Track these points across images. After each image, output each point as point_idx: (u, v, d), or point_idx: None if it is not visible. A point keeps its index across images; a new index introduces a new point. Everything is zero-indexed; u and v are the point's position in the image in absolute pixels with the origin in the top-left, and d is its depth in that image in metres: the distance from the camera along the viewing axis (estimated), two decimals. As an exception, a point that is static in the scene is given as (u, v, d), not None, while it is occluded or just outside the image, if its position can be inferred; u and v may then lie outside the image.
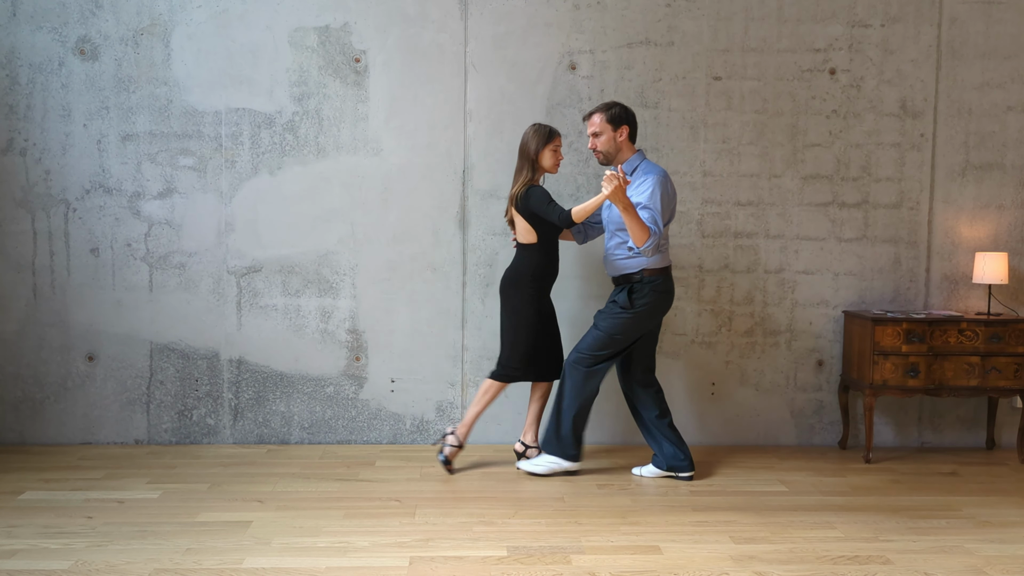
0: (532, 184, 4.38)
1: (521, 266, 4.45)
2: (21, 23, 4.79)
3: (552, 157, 4.41)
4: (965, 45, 5.04)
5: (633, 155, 4.37)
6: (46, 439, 4.92)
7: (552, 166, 4.42)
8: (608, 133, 4.33)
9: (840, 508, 4.05)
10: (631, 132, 4.36)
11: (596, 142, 4.36)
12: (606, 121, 4.31)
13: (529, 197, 4.34)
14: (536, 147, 4.38)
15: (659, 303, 4.35)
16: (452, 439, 4.52)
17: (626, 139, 4.35)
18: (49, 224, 4.85)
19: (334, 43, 4.89)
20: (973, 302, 5.14)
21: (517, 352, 4.45)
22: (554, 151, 4.41)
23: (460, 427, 4.53)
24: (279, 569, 3.26)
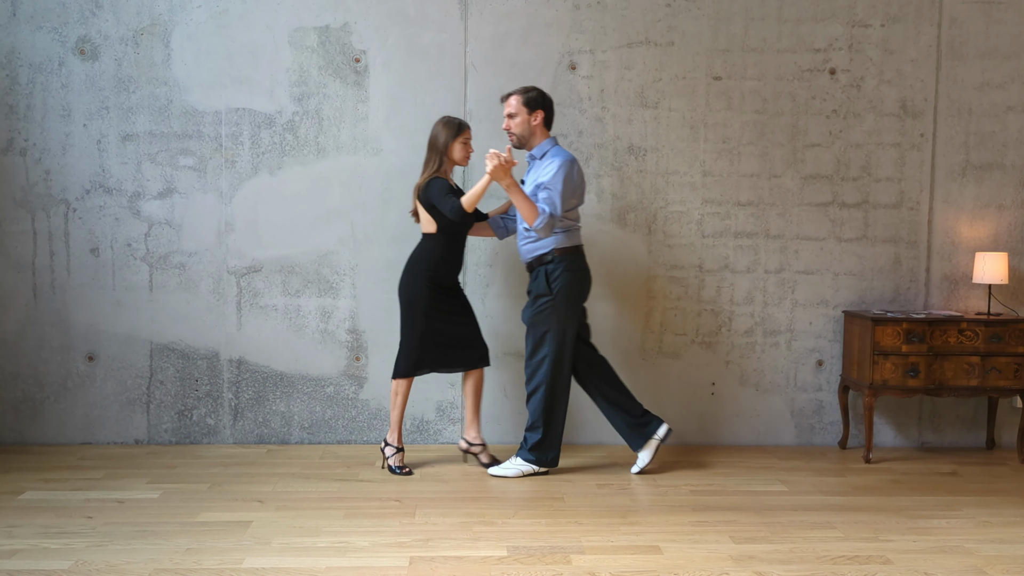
0: (436, 176, 4.38)
1: (420, 256, 4.45)
2: (21, 23, 4.79)
3: (462, 150, 4.41)
4: (965, 45, 5.04)
5: (545, 140, 4.41)
6: (46, 439, 4.92)
7: (462, 158, 4.42)
8: (523, 116, 4.36)
9: (840, 508, 4.05)
10: (546, 117, 4.39)
11: (511, 123, 4.39)
12: (522, 103, 4.35)
13: (430, 188, 4.34)
14: (446, 140, 4.38)
15: (576, 281, 4.39)
16: (389, 450, 4.50)
17: (540, 124, 4.39)
18: (49, 224, 4.85)
19: (334, 43, 4.89)
20: (973, 302, 5.14)
21: (408, 344, 4.43)
22: (464, 144, 4.41)
23: (389, 435, 4.52)
24: (279, 569, 3.26)
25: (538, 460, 4.46)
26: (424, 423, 5.04)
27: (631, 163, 5.00)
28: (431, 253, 4.42)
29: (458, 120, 4.44)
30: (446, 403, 5.04)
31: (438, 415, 5.04)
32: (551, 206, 4.23)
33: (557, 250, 4.36)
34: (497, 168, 4.13)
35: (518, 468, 4.46)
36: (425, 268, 4.41)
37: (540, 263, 4.38)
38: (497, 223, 4.66)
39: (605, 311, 5.04)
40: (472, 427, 4.60)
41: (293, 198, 4.91)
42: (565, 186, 4.26)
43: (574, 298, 4.41)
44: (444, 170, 4.41)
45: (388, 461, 4.49)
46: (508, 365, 5.01)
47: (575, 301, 4.42)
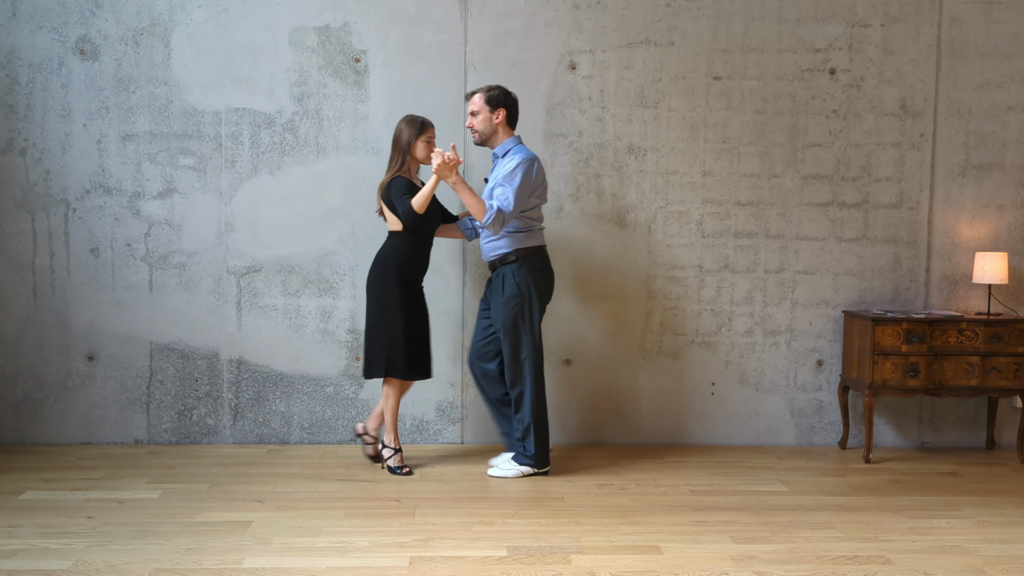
0: (398, 175, 4.38)
1: (387, 255, 4.43)
2: (21, 23, 4.79)
3: (425, 148, 4.40)
4: (965, 45, 5.04)
5: (509, 139, 4.41)
6: (46, 439, 4.92)
7: (425, 157, 4.41)
8: (485, 114, 4.36)
9: (840, 508, 4.05)
10: (508, 116, 4.39)
11: (473, 121, 4.39)
12: (484, 102, 4.36)
13: (391, 187, 4.34)
14: (408, 138, 4.38)
15: (540, 280, 4.41)
16: (388, 452, 4.48)
17: (503, 122, 4.38)
18: (49, 224, 4.85)
19: (334, 43, 4.89)
20: (973, 302, 5.14)
21: (389, 343, 4.39)
22: (427, 142, 4.41)
23: (386, 438, 4.49)
24: (279, 569, 3.26)
25: (537, 463, 4.46)
26: (424, 423, 5.04)
27: (631, 163, 5.00)
28: (398, 252, 4.40)
29: (421, 119, 4.43)
30: (446, 403, 5.04)
31: (438, 415, 5.04)
32: (504, 203, 4.22)
33: (520, 250, 4.36)
34: (442, 166, 4.14)
35: (518, 470, 4.46)
36: (393, 267, 4.39)
37: (503, 263, 4.39)
38: (465, 225, 4.65)
39: (605, 311, 5.04)
40: (375, 420, 4.58)
41: (293, 198, 4.91)
42: (522, 184, 4.25)
43: (542, 297, 4.42)
44: (407, 169, 4.40)
45: (388, 462, 4.49)
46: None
47: (543, 300, 4.44)
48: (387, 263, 4.40)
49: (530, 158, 4.31)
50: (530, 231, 4.39)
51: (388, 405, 4.46)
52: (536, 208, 4.41)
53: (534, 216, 4.40)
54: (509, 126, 4.42)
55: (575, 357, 5.05)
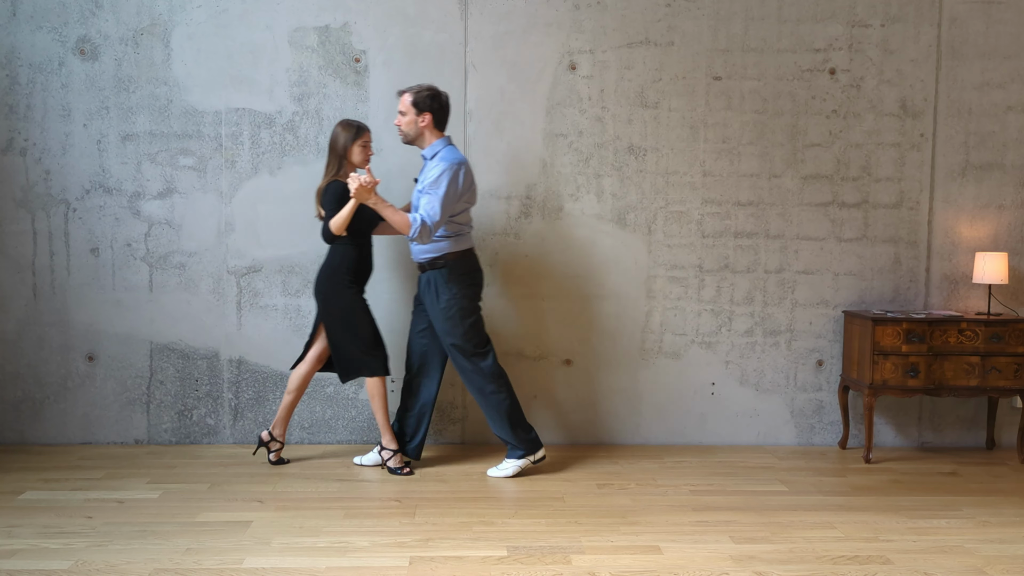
0: (335, 179, 4.37)
1: (335, 260, 4.42)
2: (21, 23, 4.79)
3: (361, 152, 4.40)
4: (965, 45, 5.04)
5: (437, 141, 4.38)
6: (46, 439, 4.92)
7: (361, 161, 4.41)
8: (411, 116, 4.34)
9: (840, 508, 4.05)
10: (435, 119, 4.35)
11: (401, 120, 4.37)
12: (411, 103, 4.33)
13: (327, 192, 4.34)
14: (345, 142, 4.37)
15: (470, 281, 4.41)
16: (386, 454, 4.49)
17: (429, 125, 4.35)
18: (49, 224, 4.85)
19: (334, 43, 4.89)
20: (973, 302, 5.14)
21: (365, 343, 4.40)
22: (363, 146, 4.40)
23: (384, 438, 4.49)
24: (279, 569, 3.27)
25: (528, 452, 4.46)
26: (424, 423, 5.04)
27: (631, 163, 5.00)
28: (347, 257, 4.40)
29: (357, 123, 4.43)
30: (446, 403, 5.04)
31: (438, 415, 5.04)
32: (430, 213, 4.21)
33: (449, 255, 4.36)
34: (360, 190, 4.14)
35: (516, 466, 4.46)
36: (347, 272, 4.39)
37: (432, 267, 4.38)
38: None
39: (605, 311, 5.04)
40: (280, 424, 4.58)
41: (293, 198, 4.91)
42: (448, 192, 4.24)
43: (469, 302, 4.41)
44: (343, 173, 4.39)
45: (388, 463, 4.49)
46: (508, 365, 5.01)
47: (475, 298, 4.44)
48: (339, 269, 4.40)
49: (456, 163, 4.28)
50: (458, 236, 4.37)
51: (378, 406, 4.46)
52: (465, 212, 4.39)
53: (462, 220, 4.38)
54: (437, 128, 4.39)
55: (575, 357, 5.05)
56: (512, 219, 4.99)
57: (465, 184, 4.32)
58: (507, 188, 4.97)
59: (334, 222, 4.28)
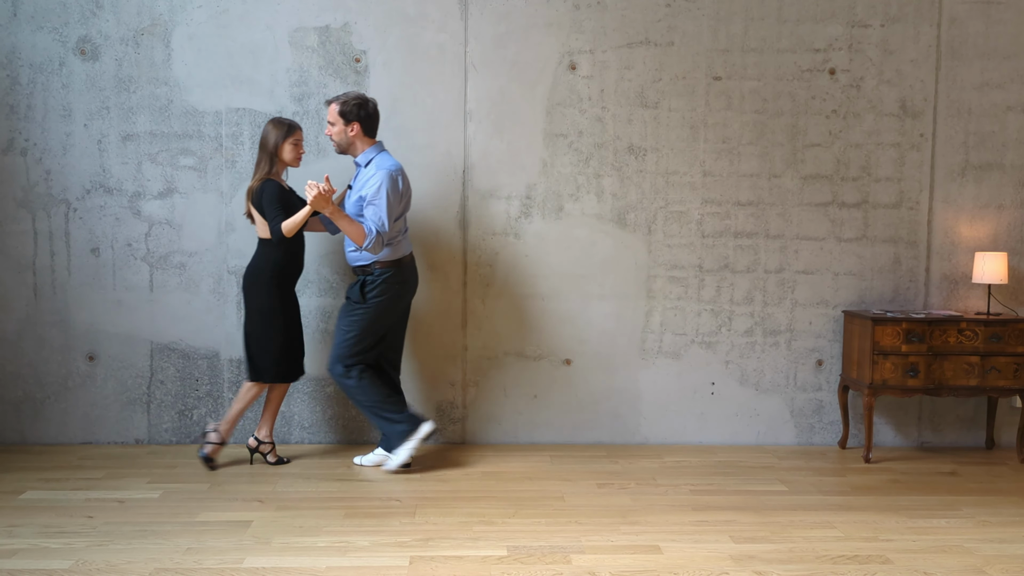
0: (268, 178, 4.35)
1: (261, 262, 4.40)
2: (22, 23, 4.79)
3: (293, 151, 4.39)
4: (965, 45, 5.04)
5: (369, 148, 4.39)
6: (47, 439, 4.92)
7: (293, 160, 4.40)
8: (340, 125, 4.35)
9: (840, 508, 4.06)
10: (364, 128, 4.36)
11: (331, 130, 4.37)
12: (339, 114, 4.33)
13: (262, 192, 4.31)
14: (276, 141, 4.35)
15: (394, 294, 4.41)
16: (214, 436, 4.47)
17: (359, 134, 4.36)
18: (50, 224, 4.86)
19: (334, 43, 4.89)
20: (973, 302, 5.14)
21: (269, 351, 4.40)
22: (295, 145, 4.39)
23: (223, 424, 4.50)
24: (279, 568, 3.27)
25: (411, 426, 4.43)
26: (424, 423, 5.04)
27: (631, 163, 5.00)
28: (271, 259, 4.38)
29: (288, 121, 4.41)
30: (446, 403, 5.04)
31: (438, 415, 5.04)
32: (378, 224, 4.23)
33: (379, 263, 4.36)
34: (318, 198, 4.13)
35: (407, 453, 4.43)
36: (270, 275, 4.37)
37: (364, 272, 4.40)
38: (328, 220, 4.55)
39: (605, 311, 5.04)
40: (266, 426, 4.58)
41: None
42: (390, 200, 4.26)
43: (386, 309, 4.42)
44: (276, 171, 4.38)
45: (205, 448, 4.47)
46: (508, 365, 5.02)
47: (387, 311, 4.43)
48: (263, 271, 4.38)
49: (391, 171, 4.30)
50: (391, 244, 4.37)
51: (244, 399, 4.45)
52: (401, 219, 4.40)
53: (397, 227, 4.38)
54: (367, 136, 4.39)
55: (575, 357, 5.06)
56: (512, 219, 4.99)
57: (403, 189, 4.35)
58: (507, 188, 4.97)
59: (286, 225, 4.26)
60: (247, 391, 4.49)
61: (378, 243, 4.26)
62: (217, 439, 4.49)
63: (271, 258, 4.39)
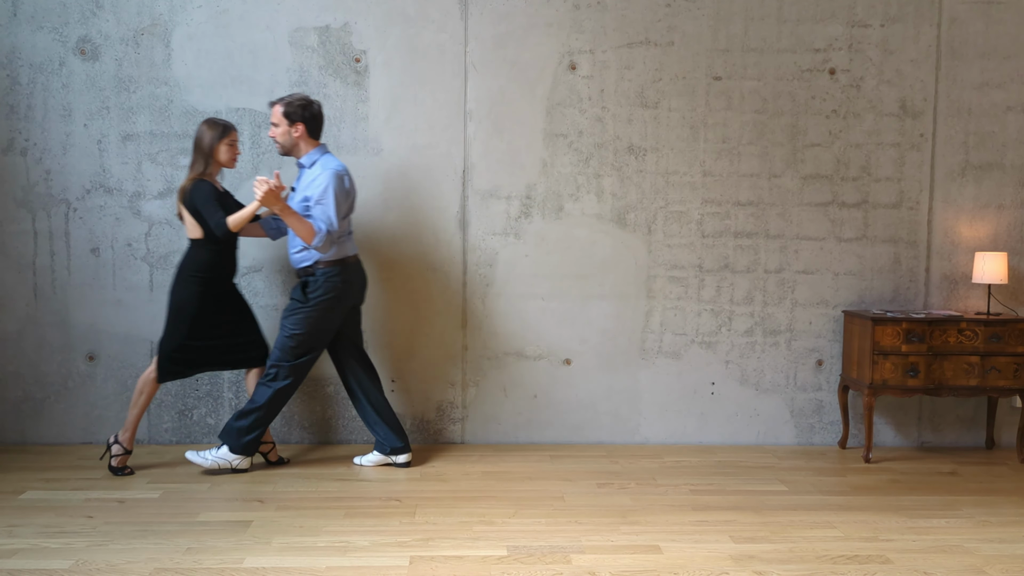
0: (201, 178, 4.31)
1: (188, 262, 4.35)
2: (22, 23, 4.79)
3: (228, 152, 4.36)
4: (965, 45, 5.04)
5: (313, 149, 4.39)
6: (47, 439, 4.92)
7: (228, 161, 4.37)
8: (284, 126, 4.34)
9: (840, 508, 4.06)
10: (309, 129, 4.35)
11: (274, 132, 4.36)
12: (282, 114, 4.33)
13: (195, 192, 4.27)
14: (211, 141, 4.31)
15: (337, 294, 4.38)
16: (117, 448, 4.41)
17: (303, 135, 4.35)
18: (50, 224, 4.86)
19: (334, 43, 4.89)
20: (973, 302, 5.14)
21: (166, 348, 4.34)
22: (230, 145, 4.36)
23: (122, 434, 4.42)
24: (279, 568, 3.27)
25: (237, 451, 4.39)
26: (424, 423, 5.04)
27: (631, 163, 5.00)
28: (199, 260, 4.33)
29: (224, 121, 4.38)
30: (446, 403, 5.04)
31: (438, 415, 5.04)
32: (327, 222, 4.24)
33: (322, 263, 4.35)
34: (268, 194, 4.12)
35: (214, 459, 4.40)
36: (197, 275, 4.32)
37: (306, 273, 4.39)
38: (269, 224, 4.57)
39: (605, 311, 5.04)
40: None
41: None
42: (337, 201, 4.26)
43: (329, 308, 4.39)
44: (210, 172, 4.34)
45: (112, 461, 4.40)
46: (508, 365, 5.02)
47: (329, 311, 4.40)
48: (189, 272, 4.33)
49: (337, 172, 4.30)
50: (335, 243, 4.35)
51: (138, 402, 4.39)
52: (346, 220, 4.40)
53: (342, 228, 4.37)
54: (312, 137, 4.39)
55: (575, 357, 5.06)
56: (512, 219, 4.99)
57: (349, 189, 4.36)
58: (507, 188, 4.97)
59: (232, 220, 4.21)
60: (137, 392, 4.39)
61: (328, 241, 4.25)
62: (120, 451, 4.39)
63: (198, 259, 4.33)
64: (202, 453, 4.41)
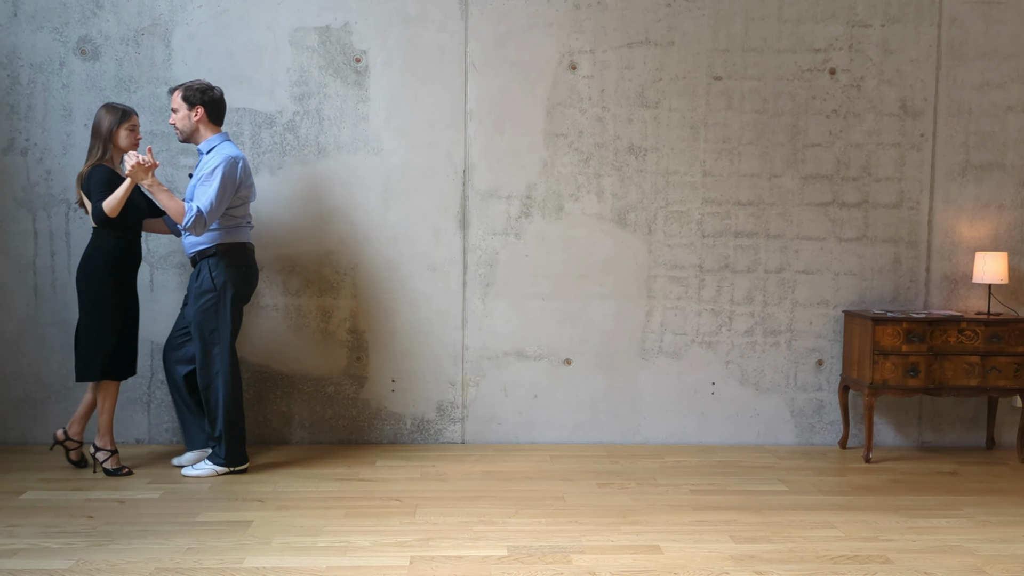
0: (99, 164, 4.26)
1: (94, 251, 4.28)
2: (22, 23, 4.79)
3: (129, 137, 4.31)
4: (965, 45, 5.04)
5: (213, 136, 4.35)
6: (47, 439, 4.92)
7: (129, 146, 4.32)
8: (183, 111, 4.31)
9: (840, 508, 4.06)
10: (208, 114, 4.33)
11: (174, 118, 4.33)
12: (182, 98, 4.31)
13: (90, 177, 4.22)
14: (110, 126, 4.26)
15: (240, 274, 4.36)
16: (102, 454, 4.38)
17: (203, 119, 4.32)
18: (50, 224, 4.86)
19: (334, 43, 4.89)
20: (973, 302, 5.14)
21: (103, 346, 4.30)
22: (131, 131, 4.31)
23: (99, 440, 4.39)
24: (280, 568, 3.27)
25: (230, 462, 4.40)
26: (424, 423, 5.04)
27: (631, 163, 5.00)
28: (105, 248, 4.27)
29: (123, 106, 4.33)
30: (446, 403, 5.04)
31: (438, 415, 5.04)
32: (205, 204, 4.17)
33: (221, 245, 4.32)
34: (135, 168, 4.09)
35: (212, 469, 4.38)
36: (105, 264, 4.27)
37: (202, 257, 4.34)
38: (171, 220, 4.54)
39: (605, 311, 5.04)
40: (79, 424, 4.47)
41: (293, 198, 4.92)
42: (223, 184, 4.20)
43: (238, 294, 4.38)
44: (109, 158, 4.29)
45: (104, 464, 4.37)
46: (508, 365, 5.02)
47: (238, 297, 4.39)
48: (97, 261, 4.27)
49: (231, 158, 4.26)
50: (232, 228, 4.33)
51: (106, 407, 4.36)
52: (243, 206, 4.36)
53: (239, 214, 4.35)
54: (212, 123, 4.36)
55: (575, 357, 5.06)
56: (512, 219, 4.99)
57: (242, 177, 4.30)
58: (507, 188, 4.97)
59: (107, 203, 4.15)
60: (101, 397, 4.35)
61: (199, 222, 4.16)
62: (105, 456, 4.37)
63: (105, 248, 4.27)
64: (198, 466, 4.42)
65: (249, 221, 4.47)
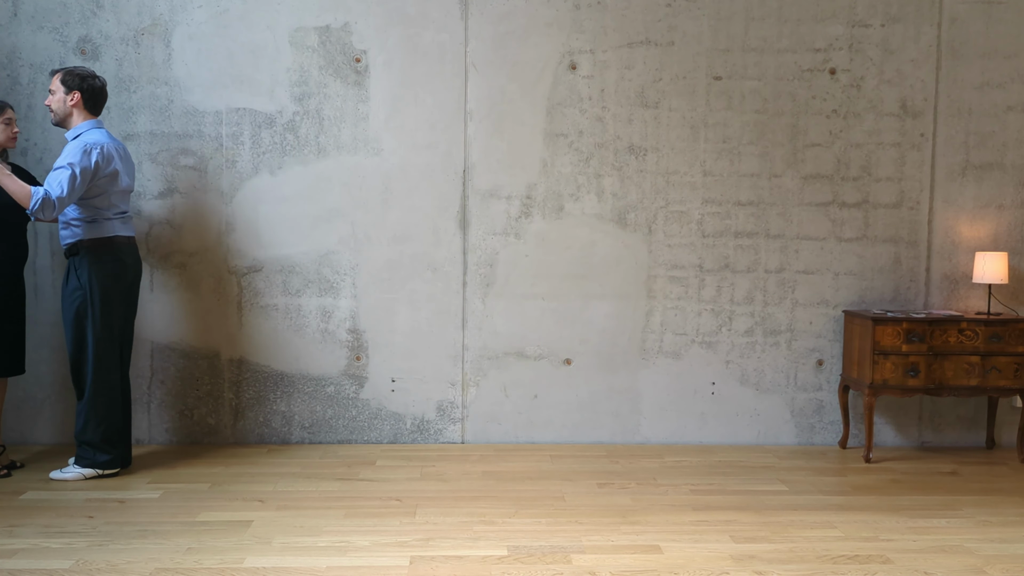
0: None
1: None
2: (22, 23, 4.79)
3: (4, 130, 4.26)
4: (965, 45, 5.04)
5: (84, 122, 4.28)
6: (47, 439, 4.92)
7: (6, 139, 4.28)
8: (60, 94, 4.26)
9: (840, 508, 4.06)
10: (85, 100, 4.26)
11: (51, 99, 4.28)
12: (60, 81, 4.26)
13: None
14: None
15: (111, 271, 4.26)
16: None
17: (78, 104, 4.26)
18: (50, 224, 4.85)
19: (334, 43, 4.89)
20: (973, 302, 5.14)
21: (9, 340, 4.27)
22: (6, 123, 4.26)
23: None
24: (280, 568, 3.27)
25: (102, 464, 4.31)
26: (424, 423, 5.04)
27: (631, 163, 5.00)
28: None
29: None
30: (446, 403, 5.04)
31: (438, 415, 5.04)
32: (55, 188, 4.02)
33: (85, 241, 4.24)
34: None
35: (79, 472, 4.30)
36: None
37: (73, 252, 4.28)
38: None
39: (605, 311, 5.04)
40: None
41: (293, 198, 4.92)
42: (76, 168, 4.08)
43: (109, 290, 4.28)
44: None
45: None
46: (508, 365, 5.02)
47: (111, 293, 4.29)
48: None
49: (92, 143, 4.17)
50: (95, 221, 4.24)
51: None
52: (104, 196, 4.23)
53: (101, 205, 4.23)
54: (88, 111, 4.29)
55: (575, 357, 5.06)
56: (512, 219, 4.99)
57: (103, 166, 4.18)
58: (507, 188, 4.97)
59: None
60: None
61: (47, 207, 4.00)
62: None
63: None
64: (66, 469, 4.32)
65: (122, 213, 4.34)
